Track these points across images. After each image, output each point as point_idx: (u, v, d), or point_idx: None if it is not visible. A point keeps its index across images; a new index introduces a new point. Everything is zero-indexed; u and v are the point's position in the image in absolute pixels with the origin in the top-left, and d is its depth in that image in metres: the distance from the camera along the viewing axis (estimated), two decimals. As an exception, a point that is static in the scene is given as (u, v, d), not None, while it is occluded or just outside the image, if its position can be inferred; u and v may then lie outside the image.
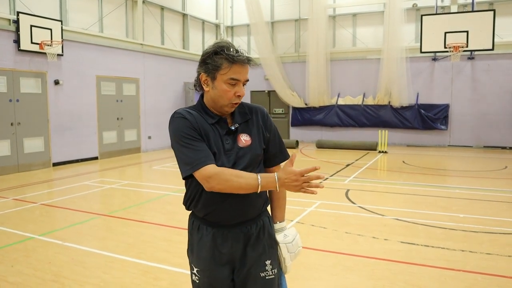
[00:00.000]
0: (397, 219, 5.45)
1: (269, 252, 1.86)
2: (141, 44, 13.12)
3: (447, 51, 12.16)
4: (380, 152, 12.81)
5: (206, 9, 16.67)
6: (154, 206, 6.42)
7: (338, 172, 9.12)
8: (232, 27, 17.51)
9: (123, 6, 12.71)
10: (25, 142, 9.64)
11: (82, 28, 11.24)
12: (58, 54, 10.04)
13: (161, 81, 13.96)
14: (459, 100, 13.66)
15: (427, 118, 13.95)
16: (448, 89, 13.82)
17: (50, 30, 9.83)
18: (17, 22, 9.25)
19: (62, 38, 10.11)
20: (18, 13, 9.27)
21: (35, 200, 6.71)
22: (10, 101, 9.30)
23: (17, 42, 9.34)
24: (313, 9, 14.84)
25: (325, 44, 14.95)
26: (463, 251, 4.25)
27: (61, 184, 8.22)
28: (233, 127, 1.78)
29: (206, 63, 1.72)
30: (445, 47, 12.09)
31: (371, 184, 7.93)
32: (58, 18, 10.37)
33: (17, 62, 9.42)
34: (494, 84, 13.17)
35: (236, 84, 1.71)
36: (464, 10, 13.27)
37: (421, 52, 12.66)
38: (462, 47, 11.85)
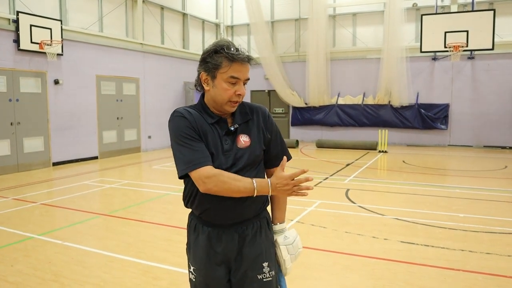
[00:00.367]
0: (397, 219, 5.45)
1: (266, 253, 1.83)
2: (141, 43, 13.11)
3: (447, 51, 12.17)
4: (380, 151, 12.81)
5: (206, 8, 16.66)
6: (154, 206, 6.42)
7: (338, 171, 9.11)
8: (232, 27, 17.51)
9: (123, 5, 12.71)
10: (25, 141, 9.64)
11: (82, 27, 11.24)
12: (58, 54, 10.04)
13: (161, 80, 13.96)
14: (459, 99, 13.66)
15: (427, 117, 13.95)
16: (448, 88, 13.82)
17: (50, 29, 9.83)
18: (16, 21, 9.25)
19: (62, 37, 10.11)
20: (18, 12, 9.27)
21: (35, 199, 6.71)
22: (10, 100, 9.30)
23: (16, 41, 9.33)
24: (313, 8, 14.84)
25: (325, 43, 14.95)
26: (463, 251, 4.25)
27: (61, 183, 8.22)
28: (232, 128, 1.76)
29: (206, 62, 1.71)
30: (445, 47, 12.10)
31: (371, 183, 7.93)
32: (58, 18, 10.37)
33: (17, 62, 9.41)
34: (494, 83, 13.17)
35: (236, 82, 1.70)
36: (464, 10, 13.27)
37: (421, 51, 12.69)
38: (462, 47, 11.86)
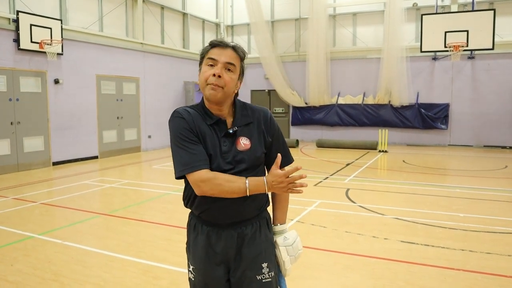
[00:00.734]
0: (397, 218, 5.45)
1: (266, 254, 1.82)
2: (141, 43, 13.11)
3: (447, 51, 12.17)
4: (380, 151, 12.81)
5: (206, 8, 16.66)
6: (154, 205, 6.42)
7: (338, 171, 9.11)
8: (232, 26, 17.50)
9: (123, 5, 12.70)
10: (25, 141, 9.63)
11: (82, 27, 11.23)
12: (58, 53, 10.04)
13: (161, 80, 13.95)
14: (459, 99, 13.66)
15: (427, 117, 13.94)
16: (448, 88, 13.82)
17: (50, 29, 9.82)
18: (16, 21, 9.25)
19: (62, 37, 10.11)
20: (18, 12, 9.26)
21: (35, 199, 6.71)
22: (10, 100, 9.29)
23: (17, 41, 9.33)
24: (313, 8, 14.83)
25: (325, 43, 14.94)
26: (463, 251, 4.25)
27: (61, 183, 8.22)
28: (231, 131, 1.75)
29: (200, 56, 1.81)
30: (445, 47, 12.10)
31: (371, 183, 7.93)
32: (58, 17, 10.36)
33: (17, 61, 9.41)
34: (494, 83, 13.16)
35: (214, 64, 1.72)
36: (464, 10, 13.27)
37: (421, 51, 12.69)
38: (462, 47, 11.86)
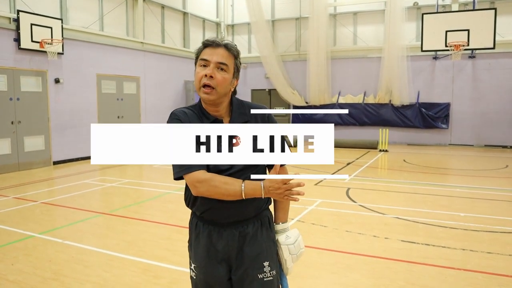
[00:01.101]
0: (397, 218, 5.45)
1: (267, 253, 1.82)
2: (141, 42, 13.11)
3: (448, 50, 12.15)
4: (380, 150, 12.80)
5: (207, 7, 16.65)
6: (155, 205, 6.42)
7: (339, 170, 9.10)
8: (232, 26, 17.49)
9: (124, 4, 12.70)
10: (25, 140, 9.64)
11: (82, 26, 11.23)
12: (58, 53, 10.04)
13: (161, 79, 13.95)
14: (460, 98, 13.64)
15: (428, 116, 13.93)
16: (449, 87, 13.80)
17: (51, 28, 9.82)
18: (17, 20, 9.25)
19: (62, 36, 10.11)
20: (19, 11, 9.27)
21: (36, 198, 6.72)
22: (11, 99, 9.30)
23: (17, 40, 9.33)
24: (313, 7, 14.81)
25: (325, 42, 14.92)
26: (464, 250, 4.24)
27: (61, 182, 8.23)
28: None
29: (195, 56, 1.81)
30: (446, 46, 12.08)
31: (372, 182, 7.92)
32: (59, 17, 10.36)
33: (17, 61, 9.41)
34: (495, 83, 13.14)
35: (206, 65, 1.72)
36: (465, 9, 13.24)
37: (422, 50, 12.67)
38: (463, 46, 11.83)
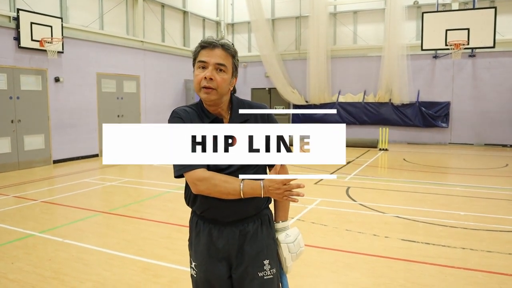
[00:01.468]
0: (397, 217, 5.45)
1: (267, 251, 1.83)
2: (141, 41, 13.10)
3: (448, 49, 12.14)
4: (380, 149, 12.80)
5: (207, 6, 16.64)
6: (155, 203, 6.42)
7: (338, 169, 9.10)
8: (232, 24, 17.48)
9: (124, 3, 12.69)
10: (25, 139, 9.64)
11: (82, 25, 11.22)
12: (58, 52, 10.03)
13: (161, 78, 13.95)
14: (460, 97, 13.64)
15: (428, 115, 13.93)
16: (449, 86, 13.80)
17: (51, 27, 9.82)
18: (17, 19, 9.24)
19: (62, 35, 10.10)
20: (18, 10, 9.26)
21: (36, 197, 6.72)
22: (11, 98, 9.29)
23: (17, 39, 9.32)
24: (313, 6, 14.80)
25: (325, 41, 14.91)
26: (464, 249, 4.25)
27: (61, 181, 8.23)
28: None
29: (193, 57, 1.80)
30: (446, 45, 12.08)
31: (372, 181, 7.92)
32: (59, 15, 10.35)
33: (17, 60, 9.41)
34: (495, 81, 13.14)
35: (205, 67, 1.72)
36: (465, 8, 13.23)
37: (422, 49, 12.67)
38: (463, 45, 11.83)
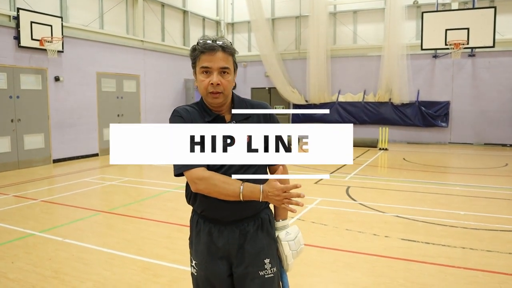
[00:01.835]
0: (397, 216, 5.46)
1: (268, 250, 1.83)
2: (141, 40, 13.10)
3: (448, 48, 12.15)
4: (380, 149, 12.81)
5: (207, 5, 16.63)
6: (155, 203, 6.43)
7: (338, 169, 9.11)
8: (232, 24, 17.47)
9: (124, 2, 12.68)
10: (25, 138, 9.64)
11: (82, 24, 11.22)
12: (58, 51, 10.03)
13: (161, 77, 13.95)
14: (460, 97, 13.64)
15: (428, 115, 13.94)
16: (448, 86, 13.80)
17: (51, 26, 9.81)
18: (17, 18, 9.24)
19: (62, 34, 10.10)
20: (18, 9, 9.25)
21: (36, 196, 6.72)
22: (11, 97, 9.29)
23: (17, 38, 9.32)
24: (313, 6, 14.80)
25: (325, 41, 14.91)
26: (464, 248, 4.25)
27: (61, 180, 8.23)
28: None
29: (192, 60, 1.78)
30: (445, 44, 12.08)
31: (372, 181, 7.93)
32: (59, 15, 10.35)
33: (17, 59, 9.40)
34: (494, 81, 13.14)
35: (208, 72, 1.71)
36: (465, 7, 13.23)
37: (421, 49, 12.67)
38: (463, 44, 11.83)
